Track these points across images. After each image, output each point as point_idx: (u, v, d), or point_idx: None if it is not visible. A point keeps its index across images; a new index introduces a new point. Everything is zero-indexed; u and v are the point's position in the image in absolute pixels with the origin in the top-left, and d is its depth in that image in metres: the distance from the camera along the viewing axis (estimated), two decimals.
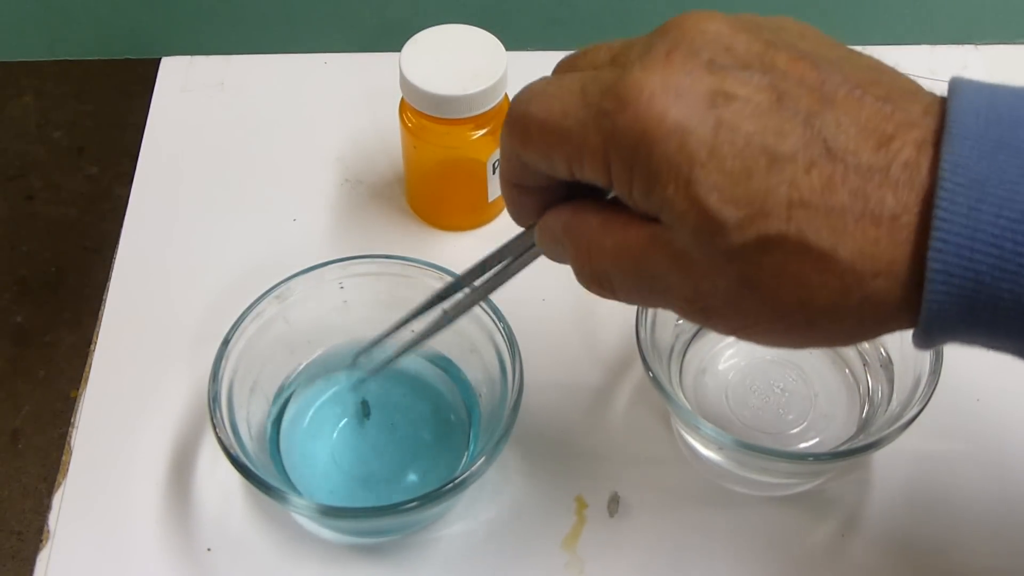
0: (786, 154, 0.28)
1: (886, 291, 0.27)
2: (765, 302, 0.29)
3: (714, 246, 0.28)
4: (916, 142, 0.27)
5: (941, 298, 0.27)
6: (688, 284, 0.30)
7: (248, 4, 0.65)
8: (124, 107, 1.38)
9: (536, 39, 0.64)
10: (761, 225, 0.28)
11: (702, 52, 0.29)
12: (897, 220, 0.27)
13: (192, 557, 0.45)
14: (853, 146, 0.27)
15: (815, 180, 0.27)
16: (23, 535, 1.17)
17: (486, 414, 0.46)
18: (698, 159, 0.28)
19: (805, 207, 0.27)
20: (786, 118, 0.28)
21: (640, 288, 0.31)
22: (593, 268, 0.32)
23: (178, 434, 0.48)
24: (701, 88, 0.28)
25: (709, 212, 0.28)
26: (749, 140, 0.28)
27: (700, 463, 0.47)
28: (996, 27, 0.68)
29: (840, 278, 0.28)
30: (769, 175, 0.28)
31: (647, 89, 0.28)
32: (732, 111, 0.28)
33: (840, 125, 0.28)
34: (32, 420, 1.25)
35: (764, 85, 0.28)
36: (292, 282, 0.46)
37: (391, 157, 0.59)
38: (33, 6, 0.69)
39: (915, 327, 0.28)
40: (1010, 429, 0.49)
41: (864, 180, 0.27)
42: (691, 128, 0.28)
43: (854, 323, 0.29)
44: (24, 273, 1.37)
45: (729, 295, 0.29)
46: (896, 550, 0.45)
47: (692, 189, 0.28)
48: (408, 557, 0.45)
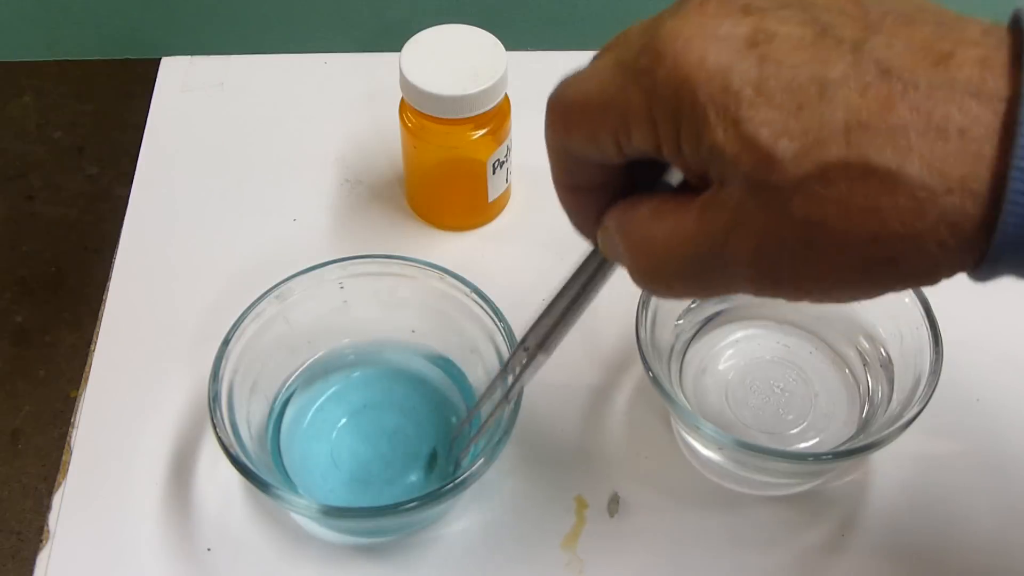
0: (837, 79, 0.26)
1: (960, 208, 0.26)
2: (837, 243, 0.27)
3: (773, 187, 0.27)
4: (979, 58, 0.26)
5: (1019, 219, 0.25)
6: (749, 246, 0.28)
7: (248, 4, 0.65)
8: (124, 107, 1.38)
9: (536, 39, 0.64)
10: (819, 153, 0.26)
11: None
12: (966, 134, 0.26)
13: (192, 557, 0.45)
14: (909, 64, 0.26)
15: (871, 101, 0.26)
16: (23, 535, 1.17)
17: (486, 414, 0.46)
18: (744, 96, 0.27)
19: (864, 129, 0.26)
20: (832, 46, 0.27)
21: (699, 273, 0.30)
22: (648, 261, 0.31)
23: (178, 434, 0.48)
24: (740, 30, 0.27)
25: (762, 149, 0.27)
26: (796, 71, 0.27)
27: (700, 463, 0.47)
28: None
29: (911, 197, 0.26)
30: (822, 103, 0.26)
31: (683, 35, 0.27)
32: (774, 46, 0.27)
33: (892, 47, 0.27)
34: (32, 420, 1.25)
35: (805, 20, 0.27)
36: (292, 282, 0.46)
37: (391, 157, 0.59)
38: (33, 6, 0.69)
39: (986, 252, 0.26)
40: (1010, 429, 0.49)
41: (925, 96, 0.26)
42: (733, 66, 0.27)
43: (932, 249, 0.27)
44: (24, 273, 1.37)
45: (797, 246, 0.28)
46: (896, 550, 0.45)
47: (742, 128, 0.27)
48: (408, 557, 0.45)
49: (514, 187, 0.57)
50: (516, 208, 0.57)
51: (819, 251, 0.27)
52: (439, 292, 0.47)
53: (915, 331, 0.44)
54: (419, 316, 0.48)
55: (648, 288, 0.32)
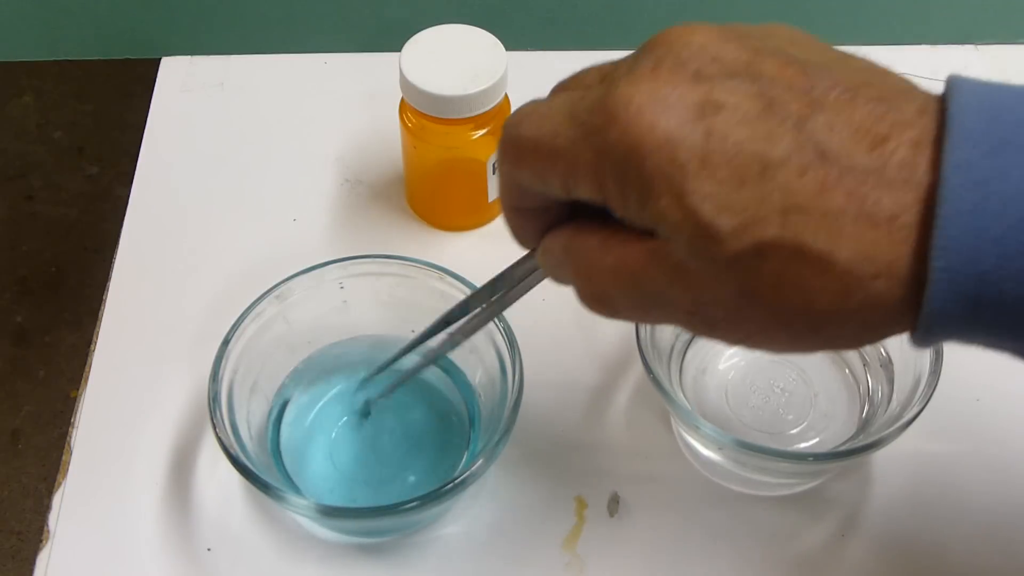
0: (778, 159, 0.27)
1: (887, 292, 0.27)
2: (766, 310, 0.29)
3: (711, 256, 0.28)
4: (912, 141, 0.27)
5: (944, 296, 0.27)
6: (688, 297, 0.30)
7: (248, 4, 0.65)
8: (124, 107, 1.39)
9: (536, 39, 0.64)
10: (757, 232, 0.27)
11: (689, 64, 0.29)
12: (895, 220, 0.27)
13: (192, 557, 0.45)
14: (847, 148, 0.27)
15: (809, 184, 0.27)
16: (23, 535, 1.17)
17: (486, 414, 0.46)
18: (690, 169, 0.28)
19: (800, 211, 0.27)
20: (776, 123, 0.28)
21: (641, 305, 0.31)
22: (594, 288, 0.32)
23: (178, 434, 0.48)
24: (689, 98, 0.28)
25: (704, 221, 0.28)
26: (740, 147, 0.28)
27: (700, 463, 0.47)
28: (996, 27, 0.68)
29: (840, 280, 0.27)
30: (762, 181, 0.27)
31: (634, 102, 0.28)
32: (721, 119, 0.28)
33: (832, 128, 0.27)
34: (32, 420, 1.25)
35: (752, 92, 0.28)
36: (292, 282, 0.46)
37: (391, 157, 0.59)
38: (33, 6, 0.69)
39: (915, 327, 0.28)
40: (1010, 429, 0.49)
41: (859, 182, 0.27)
42: (681, 138, 0.28)
43: (857, 327, 0.28)
44: (24, 273, 1.37)
45: (730, 305, 0.29)
46: (896, 550, 0.45)
47: (685, 200, 0.28)
48: (408, 557, 0.45)
49: None
50: None
51: (751, 314, 0.29)
52: (439, 292, 0.47)
53: None
54: (419, 316, 0.48)
55: (593, 310, 0.33)
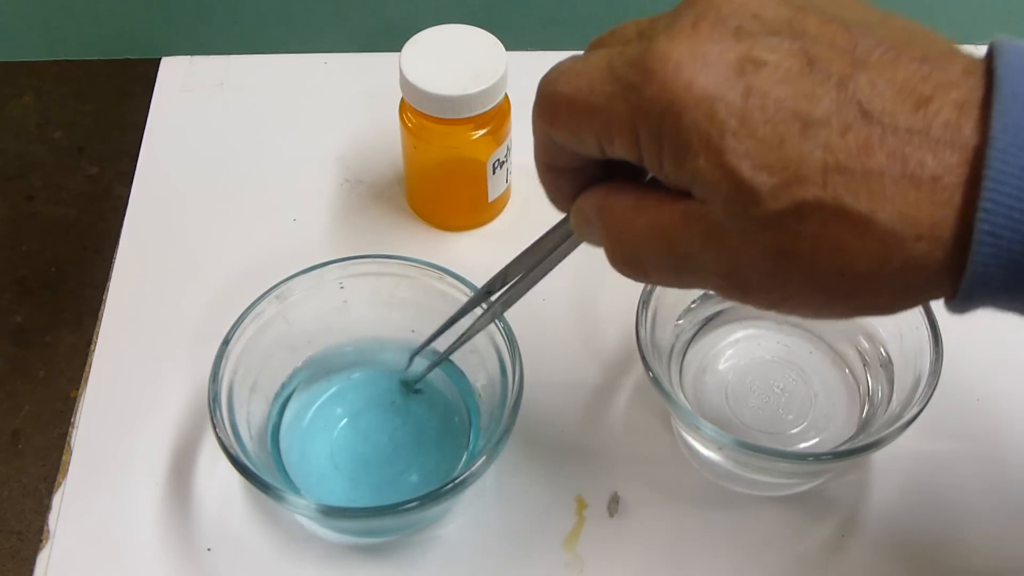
0: (820, 118, 0.27)
1: (928, 255, 0.27)
2: (803, 272, 0.28)
3: (749, 216, 0.28)
4: (956, 103, 0.27)
5: (988, 260, 0.26)
6: (723, 259, 0.29)
7: (248, 4, 0.65)
8: (124, 107, 1.39)
9: (536, 39, 0.64)
10: (796, 191, 0.27)
11: (729, 20, 0.28)
12: (938, 181, 0.26)
13: (192, 557, 0.45)
14: (890, 107, 0.27)
15: (851, 143, 0.27)
16: (23, 535, 1.17)
17: (486, 414, 0.46)
18: (728, 126, 0.27)
19: (841, 171, 0.27)
20: (818, 82, 0.27)
21: (674, 267, 0.31)
22: (625, 249, 0.32)
23: (178, 434, 0.48)
24: (729, 55, 0.28)
25: (742, 180, 0.27)
26: (780, 105, 0.27)
27: (700, 463, 0.47)
28: (996, 27, 0.68)
29: (880, 242, 0.27)
30: (803, 140, 0.27)
31: (673, 58, 0.28)
32: (762, 77, 0.27)
33: (875, 87, 0.27)
34: (32, 420, 1.25)
35: (794, 50, 0.28)
36: (292, 282, 0.46)
37: (391, 157, 0.59)
38: (33, 6, 0.69)
39: (955, 291, 0.27)
40: (1010, 429, 0.49)
41: (902, 142, 0.26)
42: (720, 95, 0.27)
43: (896, 290, 0.28)
44: (24, 273, 1.37)
45: (766, 268, 0.29)
46: (896, 550, 0.45)
47: (723, 158, 0.27)
48: (408, 557, 0.45)
49: (514, 187, 0.57)
50: (516, 208, 0.57)
51: (787, 276, 0.29)
52: (439, 292, 0.47)
53: (915, 331, 0.44)
54: (419, 316, 0.48)
55: (623, 272, 0.32)
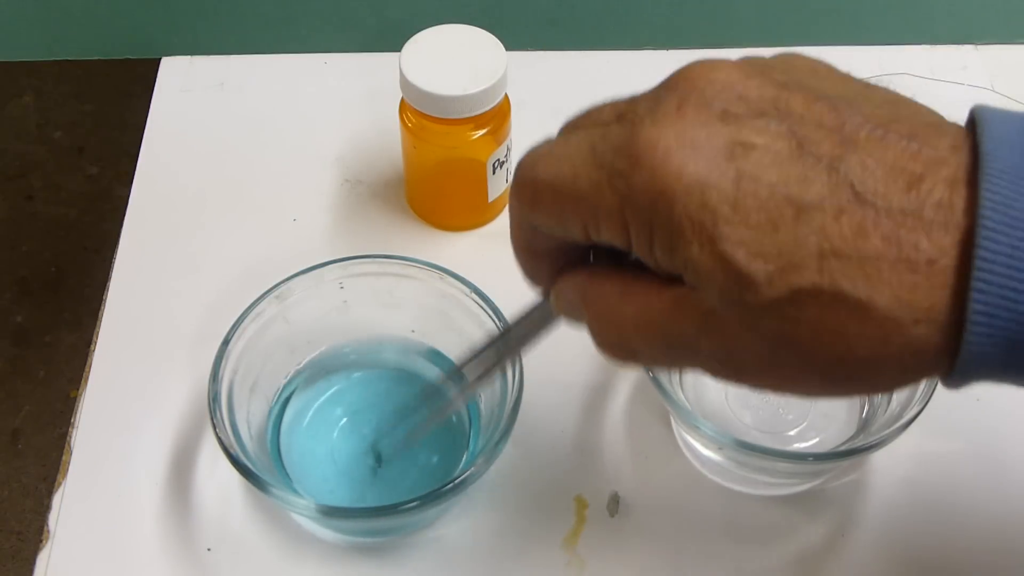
0: (813, 202, 0.26)
1: (926, 338, 0.26)
2: (802, 358, 0.28)
3: (745, 304, 0.27)
4: (947, 180, 0.26)
5: (983, 340, 0.26)
6: (719, 346, 0.29)
7: (248, 4, 0.65)
8: (124, 107, 1.38)
9: (536, 39, 0.64)
10: (793, 278, 0.26)
11: (714, 102, 0.28)
12: (934, 264, 0.26)
13: (192, 557, 0.45)
14: (882, 189, 0.26)
15: (845, 227, 0.26)
16: (23, 535, 1.17)
17: (486, 414, 0.46)
18: (721, 214, 0.27)
19: (837, 256, 0.26)
20: (809, 165, 0.27)
21: (666, 354, 0.30)
22: (613, 337, 0.31)
23: (178, 434, 0.48)
24: (718, 140, 0.27)
25: (738, 268, 0.27)
26: (773, 190, 0.27)
27: (700, 463, 0.47)
28: (996, 27, 0.68)
29: (879, 327, 0.26)
30: (797, 225, 0.26)
31: (661, 144, 0.27)
32: (752, 161, 0.27)
33: (866, 168, 0.27)
34: (32, 420, 1.25)
35: (782, 132, 0.27)
36: (292, 282, 0.46)
37: (391, 157, 0.59)
38: (33, 6, 0.69)
39: (951, 370, 0.27)
40: (1010, 429, 0.49)
41: (897, 224, 0.26)
42: (711, 182, 0.27)
43: (894, 372, 0.28)
44: (24, 273, 1.37)
45: (764, 353, 0.28)
46: (896, 550, 0.45)
47: (718, 246, 0.27)
48: (408, 557, 0.45)
49: None
50: None
51: (786, 362, 0.28)
52: (439, 292, 0.47)
53: None
54: (419, 316, 0.48)
55: (612, 359, 0.32)
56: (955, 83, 0.58)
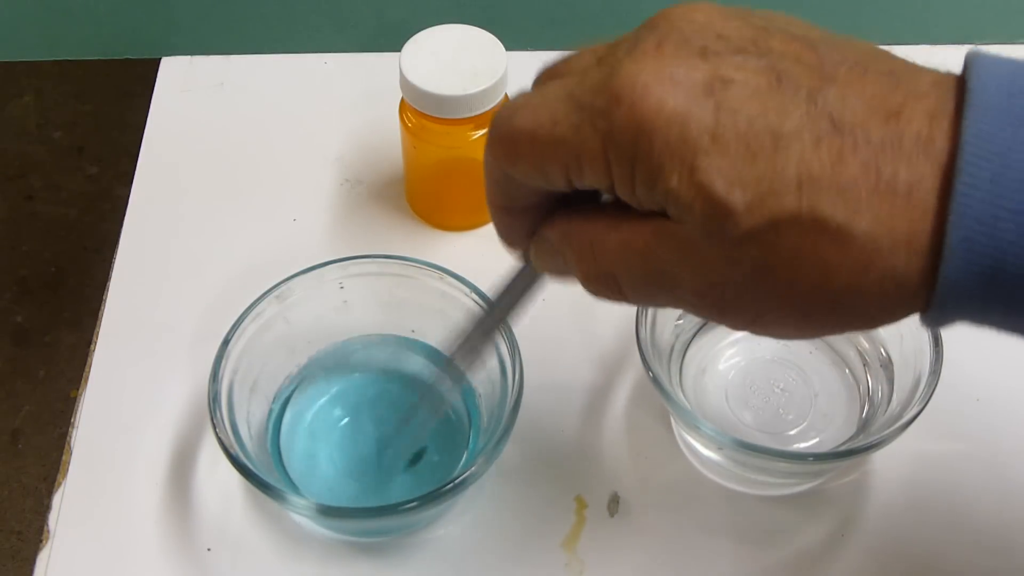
0: (791, 132, 0.27)
1: (906, 266, 0.27)
2: (781, 287, 0.28)
3: (724, 233, 0.27)
4: (927, 113, 0.27)
5: (960, 268, 0.26)
6: (699, 277, 0.29)
7: (248, 4, 0.65)
8: (124, 107, 1.39)
9: (536, 39, 0.64)
10: (772, 206, 0.27)
11: (693, 40, 0.28)
12: (913, 192, 0.26)
13: (192, 557, 0.45)
14: (861, 119, 0.27)
15: (824, 155, 0.27)
16: (23, 535, 1.17)
17: (486, 414, 0.46)
18: (701, 145, 0.27)
19: (816, 183, 0.27)
20: (788, 97, 0.27)
21: (649, 286, 0.31)
22: (598, 269, 0.31)
23: (178, 434, 0.48)
24: (697, 75, 0.27)
25: (716, 198, 0.27)
26: (751, 121, 0.27)
27: (700, 463, 0.47)
28: (996, 27, 0.68)
29: (858, 253, 0.27)
30: (775, 155, 0.27)
31: (640, 80, 0.28)
32: (731, 95, 0.27)
33: (845, 100, 0.27)
34: (32, 420, 1.25)
35: (762, 67, 0.28)
36: (292, 282, 0.46)
37: (391, 157, 0.59)
38: (33, 6, 0.69)
39: (930, 303, 0.27)
40: (1010, 429, 0.49)
41: (875, 152, 0.26)
42: (691, 115, 0.27)
43: (874, 302, 0.28)
44: (24, 273, 1.37)
45: (743, 284, 0.28)
46: (896, 550, 0.45)
47: (697, 176, 0.27)
48: (408, 557, 0.45)
49: None
50: None
51: (765, 293, 0.28)
52: (439, 292, 0.47)
53: (915, 331, 0.44)
54: (419, 316, 0.48)
55: (596, 291, 0.32)
56: None
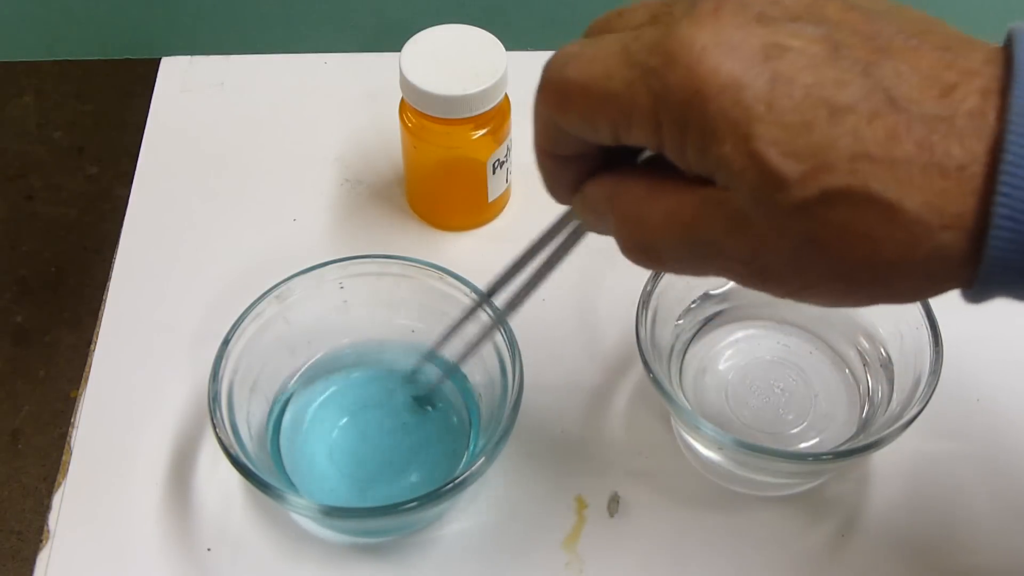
0: (847, 104, 0.27)
1: (953, 244, 0.27)
2: (829, 260, 0.28)
3: (775, 203, 0.27)
4: (980, 90, 0.27)
5: (1006, 244, 0.26)
6: (745, 247, 0.29)
7: (248, 4, 0.65)
8: (124, 107, 1.39)
9: (536, 39, 0.64)
10: (825, 178, 0.27)
11: (751, 5, 0.28)
12: (964, 170, 0.26)
13: (192, 557, 0.45)
14: (916, 95, 0.27)
15: (878, 131, 0.27)
16: (23, 535, 1.17)
17: (486, 414, 0.46)
18: (756, 113, 0.27)
19: (869, 159, 0.27)
20: (844, 68, 0.27)
21: (692, 255, 0.30)
22: (642, 237, 0.31)
23: (178, 434, 0.48)
24: (754, 41, 0.27)
25: (770, 167, 0.27)
26: (808, 92, 0.27)
27: (700, 463, 0.47)
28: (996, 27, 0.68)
29: (907, 230, 0.27)
30: (830, 127, 0.27)
31: (698, 44, 0.27)
32: (788, 63, 0.27)
33: (900, 74, 0.27)
34: (32, 420, 1.25)
35: (818, 36, 0.28)
36: (292, 282, 0.46)
37: (391, 157, 0.59)
38: (33, 6, 0.69)
39: (974, 278, 0.27)
40: (1010, 429, 0.49)
41: (929, 130, 0.26)
42: (746, 82, 0.27)
43: (920, 278, 0.28)
44: (24, 273, 1.37)
45: (790, 255, 0.28)
46: (896, 550, 0.45)
47: (751, 144, 0.27)
48: (408, 557, 0.45)
49: (514, 187, 0.57)
50: (516, 208, 0.57)
51: (811, 264, 0.28)
52: (439, 292, 0.47)
53: (915, 331, 0.44)
54: (419, 316, 0.48)
55: (638, 260, 0.32)
56: None
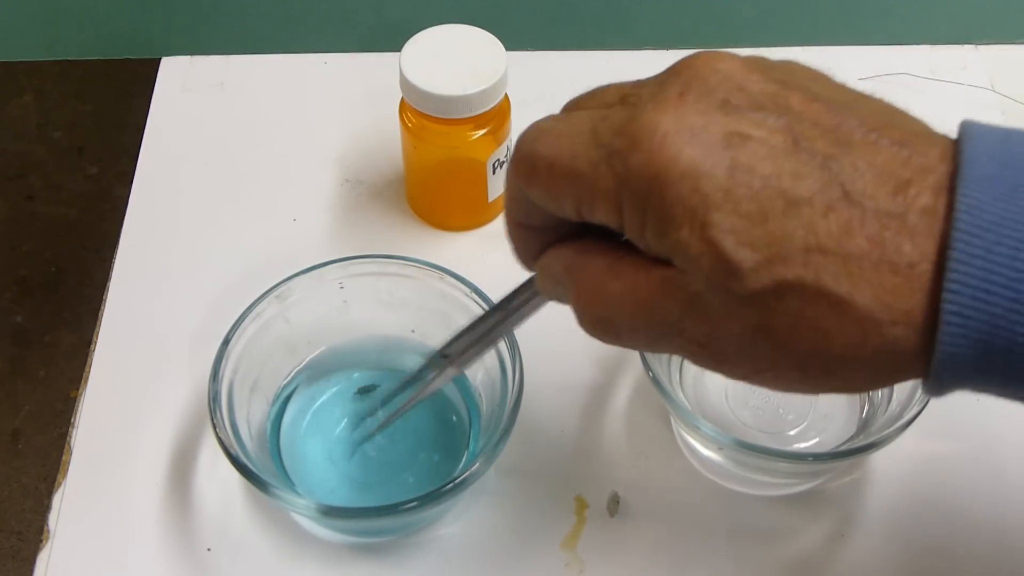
0: (803, 197, 0.27)
1: (903, 339, 0.27)
2: (780, 349, 0.28)
3: (729, 291, 0.28)
4: (933, 187, 0.27)
5: (956, 341, 0.26)
6: (700, 330, 0.29)
7: (248, 4, 0.65)
8: (124, 107, 1.39)
9: (536, 39, 0.64)
10: (778, 270, 0.27)
11: (716, 92, 0.28)
12: (915, 268, 0.26)
13: (192, 557, 0.45)
14: (871, 191, 0.27)
15: (832, 225, 0.27)
16: (23, 535, 1.17)
17: (486, 414, 0.46)
18: (714, 201, 0.27)
19: (823, 252, 0.27)
20: (803, 160, 0.27)
21: (649, 334, 0.31)
22: (597, 312, 0.31)
23: (178, 434, 0.48)
24: (715, 129, 0.28)
25: (725, 255, 0.27)
26: (766, 182, 0.27)
27: (700, 463, 0.47)
28: (996, 27, 0.68)
29: (857, 325, 0.27)
30: (786, 218, 0.27)
31: (660, 129, 0.28)
32: (747, 152, 0.27)
33: (857, 169, 0.27)
34: (32, 420, 1.25)
35: (780, 127, 0.28)
36: (292, 282, 0.46)
37: (391, 157, 0.59)
38: (33, 6, 0.69)
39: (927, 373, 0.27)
40: (1010, 429, 0.49)
41: (882, 226, 0.27)
42: (706, 169, 0.27)
43: (870, 371, 0.28)
44: (24, 273, 1.37)
45: (743, 341, 0.29)
46: (896, 550, 0.45)
47: (708, 231, 0.27)
48: (408, 557, 0.45)
49: None
50: None
51: (764, 352, 0.29)
52: (439, 292, 0.47)
53: None
54: (419, 316, 0.48)
55: (593, 333, 0.32)
56: (955, 83, 0.58)
